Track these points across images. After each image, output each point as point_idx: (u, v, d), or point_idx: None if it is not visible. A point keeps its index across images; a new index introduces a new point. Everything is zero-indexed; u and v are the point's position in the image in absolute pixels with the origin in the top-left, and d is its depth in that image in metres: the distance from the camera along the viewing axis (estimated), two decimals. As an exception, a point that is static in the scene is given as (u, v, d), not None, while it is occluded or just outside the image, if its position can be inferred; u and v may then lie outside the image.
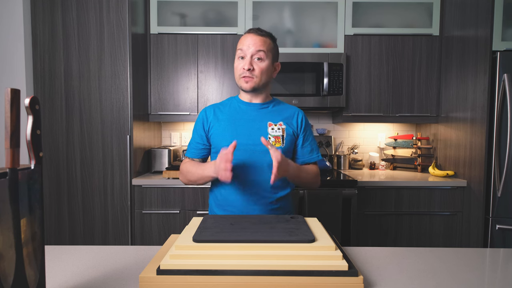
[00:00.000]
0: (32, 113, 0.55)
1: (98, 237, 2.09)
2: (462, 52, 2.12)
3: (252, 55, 1.13)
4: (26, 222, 0.55)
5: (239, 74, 1.16)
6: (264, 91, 1.21)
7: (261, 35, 1.16)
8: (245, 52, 1.14)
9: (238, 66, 1.16)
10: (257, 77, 1.15)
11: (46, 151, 2.06)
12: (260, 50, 1.13)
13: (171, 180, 2.09)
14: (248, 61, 1.13)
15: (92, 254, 0.89)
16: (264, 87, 1.20)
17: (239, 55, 1.16)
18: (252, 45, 1.13)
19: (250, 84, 1.15)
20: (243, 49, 1.15)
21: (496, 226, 1.89)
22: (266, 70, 1.16)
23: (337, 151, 2.65)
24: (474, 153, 2.00)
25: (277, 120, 1.19)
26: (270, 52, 1.16)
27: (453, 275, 0.77)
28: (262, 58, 1.14)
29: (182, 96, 2.34)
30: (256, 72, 1.14)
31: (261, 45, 1.14)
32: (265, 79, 1.17)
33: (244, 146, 1.14)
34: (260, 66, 1.14)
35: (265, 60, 1.15)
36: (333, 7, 2.33)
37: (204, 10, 2.34)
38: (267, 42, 1.16)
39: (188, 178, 1.19)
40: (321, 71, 2.27)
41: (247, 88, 1.16)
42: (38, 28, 2.03)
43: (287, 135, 1.18)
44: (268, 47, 1.16)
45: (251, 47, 1.13)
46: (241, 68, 1.15)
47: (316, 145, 1.27)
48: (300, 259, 0.68)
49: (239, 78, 1.17)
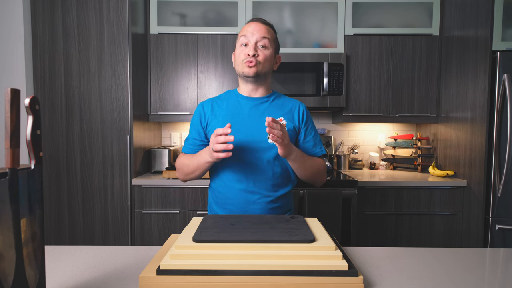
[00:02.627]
0: (32, 113, 0.55)
1: (98, 237, 2.09)
2: (462, 52, 2.12)
3: (256, 41, 1.11)
4: (26, 222, 0.55)
5: (242, 60, 1.12)
6: (264, 82, 1.18)
7: (265, 23, 1.14)
8: (249, 38, 1.11)
9: (241, 53, 1.13)
10: (260, 63, 1.11)
11: (46, 151, 2.06)
12: (264, 37, 1.11)
13: (171, 180, 2.09)
14: (252, 47, 1.10)
15: (92, 254, 0.89)
16: (265, 78, 1.16)
17: (242, 42, 1.13)
18: (257, 31, 1.11)
19: (253, 69, 1.11)
20: (247, 35, 1.12)
21: (496, 226, 1.89)
22: (270, 59, 1.14)
23: (337, 151, 2.65)
24: (474, 153, 2.00)
25: (277, 115, 1.15)
26: (273, 42, 1.15)
27: (453, 275, 0.77)
28: (266, 45, 1.12)
29: (182, 96, 2.34)
30: (260, 58, 1.11)
31: (265, 32, 1.12)
32: (267, 68, 1.14)
33: (243, 143, 1.10)
34: (264, 53, 1.12)
35: (269, 48, 1.13)
36: (333, 7, 2.33)
37: (204, 10, 2.34)
38: (271, 32, 1.15)
39: (185, 171, 1.15)
40: (321, 71, 2.27)
41: (250, 73, 1.11)
42: (38, 28, 2.04)
43: (288, 131, 1.13)
44: (272, 37, 1.14)
45: (256, 34, 1.11)
46: (245, 54, 1.11)
47: (319, 140, 1.22)
48: (300, 259, 0.68)
49: (241, 64, 1.13)
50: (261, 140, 1.11)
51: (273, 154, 1.12)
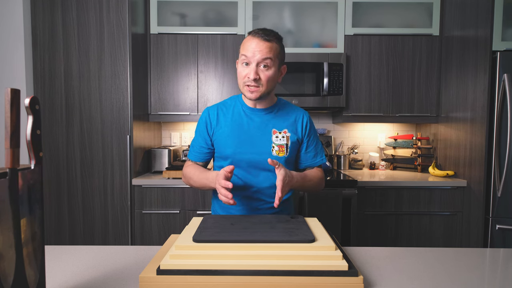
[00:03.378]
0: (32, 113, 0.55)
1: (98, 237, 2.09)
2: (462, 52, 2.12)
3: (258, 63, 1.05)
4: (26, 222, 0.55)
5: (243, 82, 1.08)
6: (268, 97, 1.15)
7: (267, 40, 1.06)
8: (250, 59, 1.06)
9: (242, 72, 1.08)
10: (263, 86, 1.07)
11: (46, 151, 2.06)
12: (266, 58, 1.05)
13: (171, 180, 2.09)
14: (253, 70, 1.05)
15: (92, 254, 0.89)
16: (268, 94, 1.13)
17: (243, 61, 1.08)
18: (258, 52, 1.04)
19: (255, 94, 1.08)
20: (247, 55, 1.06)
21: (496, 226, 1.89)
22: (273, 78, 1.09)
23: (337, 151, 2.65)
24: (474, 153, 2.00)
25: (281, 127, 1.15)
26: (277, 58, 1.08)
27: (453, 275, 0.77)
28: (268, 65, 1.06)
29: (182, 96, 2.34)
30: (263, 81, 1.07)
31: (267, 52, 1.05)
32: (271, 87, 1.10)
33: (248, 155, 1.13)
34: (266, 75, 1.06)
35: (272, 67, 1.07)
36: (333, 7, 2.33)
37: (204, 10, 2.34)
38: (274, 47, 1.07)
39: (191, 183, 1.18)
40: (321, 71, 2.27)
41: (251, 98, 1.09)
42: (38, 28, 2.03)
43: (291, 143, 1.15)
44: (275, 53, 1.07)
45: (257, 55, 1.05)
46: (246, 76, 1.07)
47: (320, 148, 1.24)
48: (300, 259, 0.68)
49: (243, 86, 1.10)
50: (265, 151, 1.13)
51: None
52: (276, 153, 1.13)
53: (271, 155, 1.13)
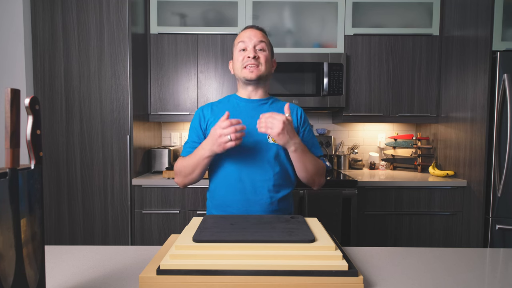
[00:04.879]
0: (32, 113, 0.55)
1: (98, 237, 2.09)
2: (462, 52, 2.12)
3: (254, 45, 1.16)
4: (26, 222, 0.55)
5: (242, 64, 1.16)
6: (264, 85, 1.22)
7: (260, 29, 1.21)
8: (247, 43, 1.16)
9: (240, 57, 1.17)
10: (262, 65, 1.16)
11: (46, 151, 2.06)
12: (262, 41, 1.17)
13: (171, 180, 2.09)
14: (252, 50, 1.15)
15: (92, 254, 0.89)
16: (266, 80, 1.21)
17: (240, 48, 1.18)
18: (254, 36, 1.17)
19: (255, 72, 1.15)
20: (245, 40, 1.17)
21: (496, 226, 1.89)
22: (269, 61, 1.19)
23: (337, 151, 2.65)
24: (474, 153, 2.00)
25: None
26: (269, 45, 1.21)
27: (453, 275, 0.77)
28: (264, 48, 1.17)
29: (182, 96, 2.34)
30: (261, 60, 1.16)
31: (261, 36, 1.18)
32: (268, 70, 1.19)
33: (243, 144, 1.10)
34: (264, 55, 1.17)
35: (267, 51, 1.18)
36: (333, 7, 2.33)
37: (204, 10, 2.34)
38: (265, 37, 1.21)
39: (184, 173, 1.13)
40: (321, 71, 2.27)
41: (252, 77, 1.15)
42: (38, 28, 2.03)
43: None
44: (268, 41, 1.21)
45: (253, 38, 1.16)
46: (245, 57, 1.15)
47: (317, 143, 1.23)
48: (300, 259, 0.68)
49: (241, 69, 1.16)
50: (261, 140, 1.13)
51: (273, 154, 1.13)
52: (272, 140, 1.12)
53: (267, 143, 1.13)
